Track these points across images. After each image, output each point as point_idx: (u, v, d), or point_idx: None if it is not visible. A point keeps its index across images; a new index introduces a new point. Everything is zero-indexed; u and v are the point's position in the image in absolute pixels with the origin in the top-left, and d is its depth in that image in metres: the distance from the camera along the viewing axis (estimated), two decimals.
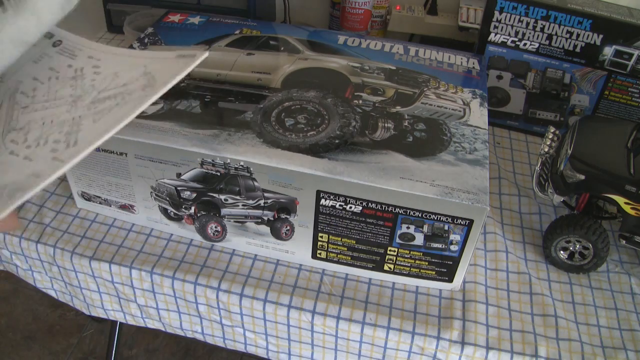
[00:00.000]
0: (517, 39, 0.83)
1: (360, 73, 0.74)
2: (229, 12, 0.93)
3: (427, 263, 0.64)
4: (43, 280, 0.75)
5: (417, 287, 0.66)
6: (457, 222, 0.58)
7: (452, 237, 0.60)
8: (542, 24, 0.81)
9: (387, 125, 0.65)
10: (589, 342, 0.62)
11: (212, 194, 0.64)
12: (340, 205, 0.60)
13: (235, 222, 0.66)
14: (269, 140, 0.62)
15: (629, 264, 0.71)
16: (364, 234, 0.62)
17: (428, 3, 1.04)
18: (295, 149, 0.61)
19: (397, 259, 0.64)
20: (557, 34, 0.81)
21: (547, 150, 0.69)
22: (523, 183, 0.81)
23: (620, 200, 0.63)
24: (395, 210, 0.59)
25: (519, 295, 0.66)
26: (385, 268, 0.65)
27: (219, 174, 0.62)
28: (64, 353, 1.38)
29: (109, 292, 0.71)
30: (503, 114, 0.91)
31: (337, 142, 0.62)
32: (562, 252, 0.69)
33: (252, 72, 0.72)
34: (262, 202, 0.63)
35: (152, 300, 0.69)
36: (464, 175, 0.59)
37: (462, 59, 0.80)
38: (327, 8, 1.08)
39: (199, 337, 0.72)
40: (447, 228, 0.59)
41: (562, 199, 0.68)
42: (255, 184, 0.62)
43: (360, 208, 0.60)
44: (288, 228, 0.65)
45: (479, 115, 0.69)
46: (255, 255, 0.69)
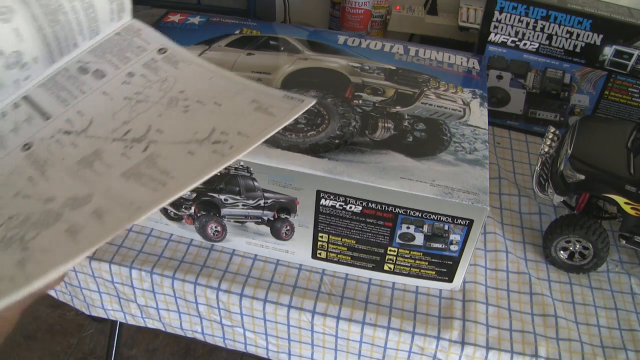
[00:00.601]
0: (517, 39, 0.83)
1: (360, 73, 0.74)
2: (229, 12, 0.93)
3: (427, 263, 0.64)
4: None
5: (417, 287, 0.66)
6: (457, 222, 0.58)
7: (452, 237, 0.60)
8: (542, 24, 0.81)
9: (387, 125, 0.65)
10: (589, 342, 0.62)
11: (212, 194, 0.64)
12: (340, 205, 0.60)
13: (235, 222, 0.66)
14: (269, 140, 0.62)
15: (629, 264, 0.71)
16: (364, 234, 0.62)
17: (428, 3, 1.04)
18: (295, 149, 0.61)
19: (397, 259, 0.64)
20: (557, 34, 0.81)
21: (547, 150, 0.69)
22: (523, 183, 0.81)
23: (620, 200, 0.63)
24: (395, 210, 0.59)
25: (519, 295, 0.66)
26: (385, 268, 0.65)
27: (219, 174, 0.62)
28: (64, 353, 1.38)
29: (109, 292, 0.71)
30: (503, 114, 0.91)
31: (337, 142, 0.62)
32: (562, 252, 0.69)
33: (252, 72, 0.72)
34: (262, 202, 0.63)
35: (152, 300, 0.69)
36: (464, 175, 0.59)
37: (462, 59, 0.80)
38: (327, 8, 1.08)
39: (199, 337, 0.72)
40: (447, 228, 0.59)
41: (562, 199, 0.68)
42: (255, 184, 0.62)
43: (360, 208, 0.60)
44: (288, 228, 0.65)
45: (479, 115, 0.69)
46: (255, 255, 0.69)
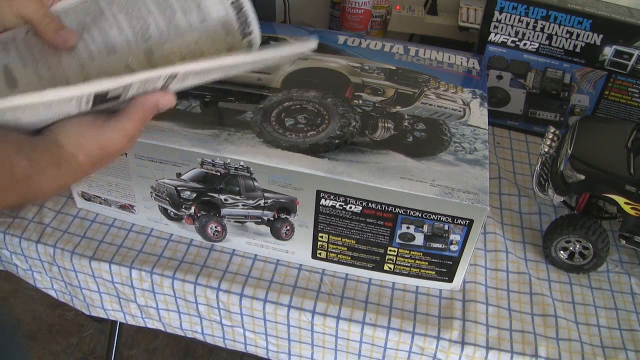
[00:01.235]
0: (517, 39, 0.83)
1: (360, 73, 0.74)
2: None
3: (427, 263, 0.64)
4: (43, 280, 0.75)
5: (417, 287, 0.66)
6: (457, 222, 0.58)
7: (452, 237, 0.60)
8: (542, 24, 0.81)
9: (387, 125, 0.65)
10: (589, 342, 0.62)
11: (212, 194, 0.64)
12: (340, 205, 0.60)
13: (235, 222, 0.66)
14: (269, 140, 0.62)
15: (629, 264, 0.71)
16: (364, 234, 0.62)
17: (428, 3, 1.04)
18: (295, 149, 0.61)
19: (397, 259, 0.64)
20: (557, 34, 0.81)
21: (547, 150, 0.69)
22: (523, 183, 0.81)
23: (620, 200, 0.63)
24: (395, 210, 0.59)
25: (519, 295, 0.66)
26: (385, 268, 0.65)
27: (219, 174, 0.62)
28: (64, 353, 1.38)
29: (109, 292, 0.71)
30: (503, 114, 0.91)
31: (337, 142, 0.62)
32: (562, 252, 0.69)
33: (252, 71, 0.72)
34: (262, 202, 0.63)
35: (152, 300, 0.69)
36: (464, 175, 0.59)
37: (462, 59, 0.80)
38: (327, 8, 1.08)
39: (199, 337, 0.72)
40: (447, 228, 0.59)
41: (562, 199, 0.68)
42: (255, 184, 0.62)
43: (360, 208, 0.60)
44: (288, 228, 0.65)
45: (479, 115, 0.69)
46: (255, 255, 0.69)
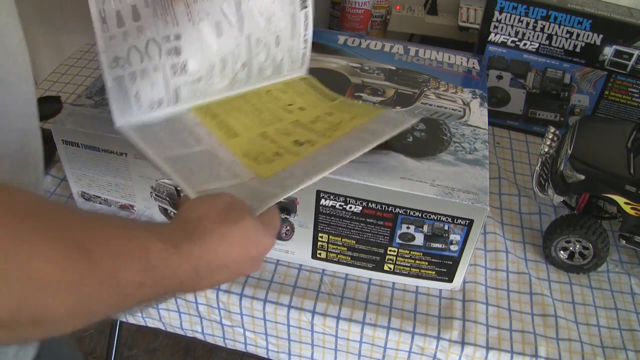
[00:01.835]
0: (517, 39, 0.83)
1: (360, 73, 0.74)
2: None
3: (427, 263, 0.63)
4: None
5: (417, 287, 0.66)
6: (457, 222, 0.58)
7: (452, 237, 0.60)
8: (542, 24, 0.81)
9: None
10: (589, 342, 0.62)
11: None
12: (340, 205, 0.60)
13: None
14: None
15: (629, 264, 0.71)
16: (364, 234, 0.62)
17: (428, 3, 1.04)
18: None
19: (397, 259, 0.64)
20: (557, 34, 0.81)
21: (547, 150, 0.69)
22: (523, 183, 0.81)
23: (620, 200, 0.63)
24: (395, 210, 0.59)
25: (519, 295, 0.66)
26: (385, 268, 0.65)
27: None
28: None
29: None
30: (503, 114, 0.91)
31: None
32: (562, 252, 0.69)
33: None
34: None
35: None
36: (464, 175, 0.59)
37: (462, 59, 0.80)
38: (327, 8, 1.08)
39: (199, 336, 0.72)
40: (447, 228, 0.59)
41: (562, 199, 0.68)
42: None
43: (360, 208, 0.60)
44: (288, 228, 0.65)
45: (479, 115, 0.69)
46: None
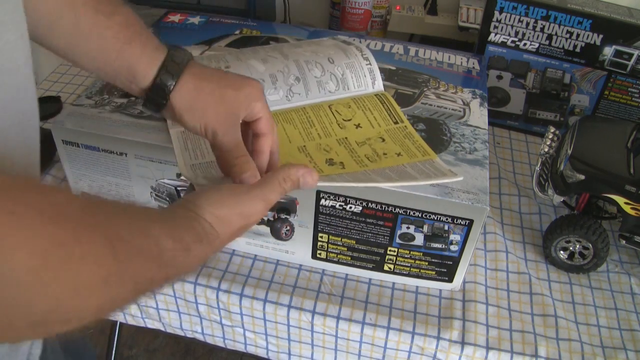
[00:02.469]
0: (517, 39, 0.83)
1: None
2: (229, 12, 0.93)
3: (427, 263, 0.63)
4: None
5: (417, 287, 0.66)
6: (457, 222, 0.58)
7: (452, 237, 0.60)
8: (542, 24, 0.81)
9: None
10: (589, 342, 0.62)
11: None
12: (340, 205, 0.60)
13: None
14: None
15: (629, 264, 0.71)
16: (364, 234, 0.62)
17: (428, 3, 1.04)
18: None
19: (397, 259, 0.64)
20: (557, 34, 0.81)
21: (547, 150, 0.69)
22: (523, 183, 0.81)
23: (620, 200, 0.63)
24: (395, 210, 0.59)
25: (519, 295, 0.66)
26: (385, 268, 0.65)
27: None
28: None
29: None
30: (503, 114, 0.91)
31: None
32: (562, 252, 0.69)
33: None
34: None
35: (151, 300, 0.69)
36: (464, 175, 0.59)
37: (462, 59, 0.80)
38: (327, 8, 1.08)
39: (199, 337, 0.72)
40: (447, 228, 0.59)
41: (562, 199, 0.68)
42: None
43: (360, 208, 0.60)
44: (288, 228, 0.65)
45: (479, 115, 0.69)
46: (255, 255, 0.69)
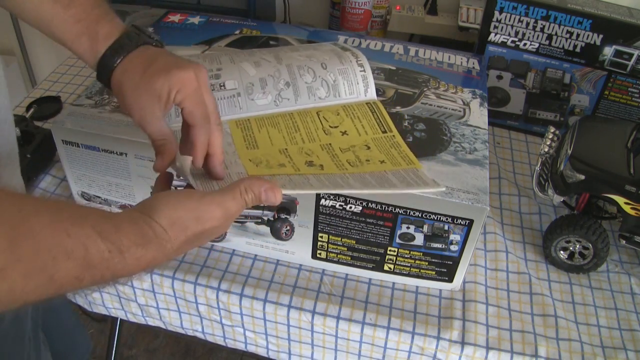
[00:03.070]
0: (517, 39, 0.83)
1: None
2: (229, 12, 0.93)
3: (427, 263, 0.63)
4: None
5: (417, 287, 0.66)
6: (457, 222, 0.58)
7: (452, 237, 0.60)
8: (542, 24, 0.81)
9: None
10: (589, 342, 0.62)
11: None
12: (340, 205, 0.60)
13: (235, 222, 0.66)
14: None
15: (629, 264, 0.71)
16: (364, 234, 0.62)
17: (428, 3, 1.04)
18: None
19: (397, 259, 0.64)
20: (557, 34, 0.81)
21: (547, 150, 0.69)
22: (523, 183, 0.81)
23: (620, 200, 0.63)
24: (395, 210, 0.59)
25: (519, 295, 0.66)
26: (385, 268, 0.65)
27: None
28: None
29: (109, 291, 0.71)
30: (503, 114, 0.91)
31: None
32: (562, 252, 0.69)
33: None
34: None
35: (152, 300, 0.69)
36: (464, 175, 0.59)
37: (462, 59, 0.80)
38: (327, 8, 1.08)
39: (200, 335, 0.72)
40: (447, 228, 0.59)
41: (562, 199, 0.68)
42: None
43: (360, 208, 0.60)
44: (288, 228, 0.65)
45: (479, 115, 0.69)
46: (255, 255, 0.69)
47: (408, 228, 0.60)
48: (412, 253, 0.63)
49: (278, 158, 0.57)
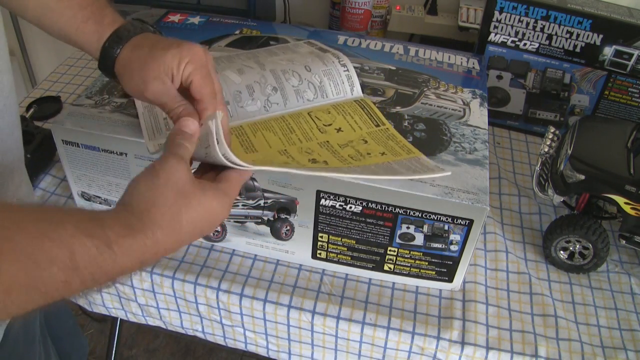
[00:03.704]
0: (517, 39, 0.83)
1: (360, 73, 0.74)
2: (229, 12, 0.93)
3: (427, 263, 0.64)
4: None
5: (417, 287, 0.66)
6: (457, 222, 0.58)
7: (452, 237, 0.60)
8: (542, 24, 0.81)
9: None
10: (589, 342, 0.62)
11: None
12: (340, 205, 0.60)
13: (235, 222, 0.66)
14: None
15: (629, 264, 0.71)
16: (364, 234, 0.62)
17: (428, 3, 1.04)
18: None
19: (397, 259, 0.64)
20: (557, 34, 0.81)
21: (547, 150, 0.69)
22: (523, 183, 0.81)
23: (620, 200, 0.63)
24: (395, 210, 0.59)
25: (519, 295, 0.66)
26: (385, 268, 0.65)
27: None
28: None
29: (110, 291, 0.71)
30: (503, 114, 0.91)
31: None
32: (562, 252, 0.69)
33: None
34: (262, 202, 0.63)
35: (152, 300, 0.69)
36: (464, 175, 0.59)
37: (462, 59, 0.80)
38: (327, 8, 1.08)
39: (200, 335, 0.73)
40: (447, 228, 0.59)
41: (562, 199, 0.68)
42: (255, 184, 0.62)
43: (360, 208, 0.60)
44: (288, 228, 0.65)
45: (479, 115, 0.69)
46: (255, 255, 0.69)
47: (408, 228, 0.60)
48: (412, 253, 0.63)
49: (280, 159, 0.57)
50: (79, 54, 1.02)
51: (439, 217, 0.58)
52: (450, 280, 0.65)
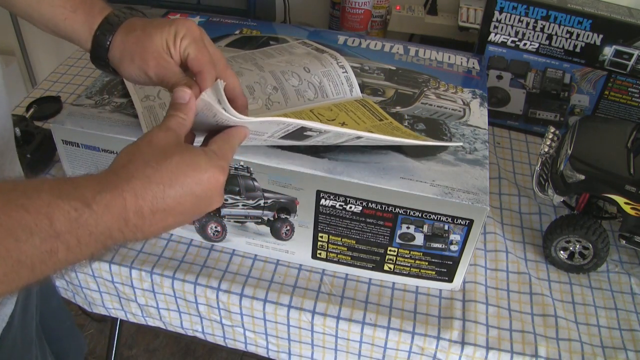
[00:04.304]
0: (517, 39, 0.83)
1: (360, 73, 0.74)
2: (229, 12, 0.93)
3: (427, 263, 0.64)
4: None
5: (417, 287, 0.66)
6: (457, 222, 0.58)
7: (452, 237, 0.60)
8: (542, 24, 0.81)
9: None
10: (589, 342, 0.62)
11: None
12: (340, 205, 0.60)
13: (235, 222, 0.66)
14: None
15: (629, 264, 0.71)
16: (364, 234, 0.62)
17: (428, 3, 1.04)
18: (296, 149, 0.61)
19: (397, 259, 0.64)
20: (557, 34, 0.81)
21: (547, 150, 0.69)
22: (523, 183, 0.81)
23: (620, 200, 0.63)
24: (395, 210, 0.59)
25: (519, 295, 0.66)
26: (385, 268, 0.65)
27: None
28: None
29: (109, 291, 0.71)
30: (503, 114, 0.91)
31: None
32: (562, 252, 0.69)
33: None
34: (262, 202, 0.63)
35: (152, 300, 0.69)
36: (464, 175, 0.59)
37: (462, 59, 0.80)
38: (327, 8, 1.08)
39: (200, 335, 0.73)
40: (447, 228, 0.59)
41: (562, 199, 0.68)
42: (255, 184, 0.62)
43: (360, 208, 0.60)
44: (288, 228, 0.65)
45: (479, 115, 0.69)
46: (255, 255, 0.69)
47: (408, 228, 0.60)
48: (412, 253, 0.63)
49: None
50: (79, 54, 1.02)
51: (439, 217, 0.58)
52: (450, 280, 0.65)
